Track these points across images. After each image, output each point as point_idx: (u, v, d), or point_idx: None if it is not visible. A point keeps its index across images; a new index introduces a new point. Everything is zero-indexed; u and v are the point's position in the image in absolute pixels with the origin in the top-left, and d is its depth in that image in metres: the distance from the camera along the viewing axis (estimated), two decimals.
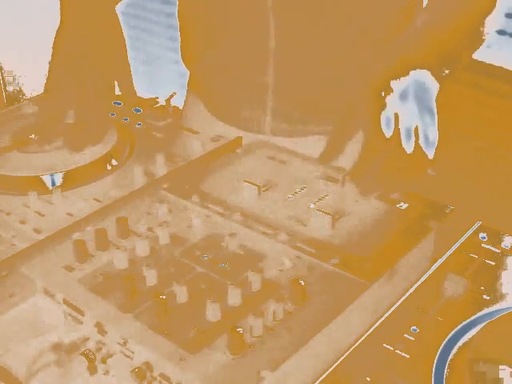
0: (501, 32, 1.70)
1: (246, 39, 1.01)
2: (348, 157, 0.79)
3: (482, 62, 1.70)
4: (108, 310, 0.64)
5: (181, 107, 1.20)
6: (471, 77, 1.69)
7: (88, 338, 0.64)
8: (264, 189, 0.81)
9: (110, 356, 0.62)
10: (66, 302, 0.66)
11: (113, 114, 1.00)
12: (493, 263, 0.71)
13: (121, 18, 1.09)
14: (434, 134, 0.79)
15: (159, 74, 2.45)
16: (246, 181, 0.81)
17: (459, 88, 1.69)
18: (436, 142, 0.80)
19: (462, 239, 0.75)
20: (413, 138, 0.77)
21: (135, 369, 0.59)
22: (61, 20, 1.01)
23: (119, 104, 1.04)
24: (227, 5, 1.02)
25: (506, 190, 1.62)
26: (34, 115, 0.97)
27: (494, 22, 0.91)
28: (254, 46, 1.01)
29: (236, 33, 1.02)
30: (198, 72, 1.15)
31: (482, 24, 0.90)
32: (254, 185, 0.80)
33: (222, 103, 1.11)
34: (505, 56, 1.71)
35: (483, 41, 0.91)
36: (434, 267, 0.71)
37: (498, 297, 0.66)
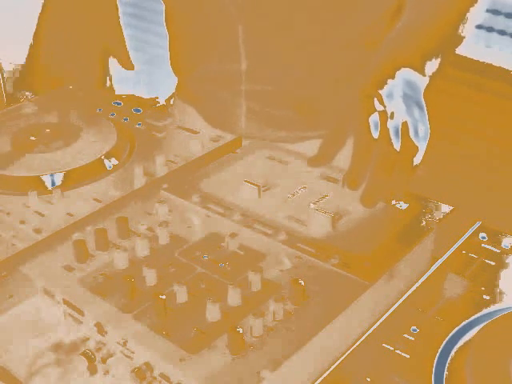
0: (501, 32, 1.70)
1: (231, 51, 1.02)
2: (349, 158, 0.79)
3: (481, 62, 1.70)
4: (108, 310, 0.64)
5: None
6: (471, 77, 1.70)
7: (88, 338, 0.64)
8: (264, 189, 0.81)
9: (110, 356, 0.62)
10: (65, 302, 0.66)
11: (113, 114, 1.01)
12: (493, 263, 0.71)
13: (121, 18, 1.10)
14: (424, 129, 0.79)
15: (159, 74, 2.45)
16: (246, 181, 0.81)
17: (459, 88, 1.69)
18: (427, 137, 0.80)
19: (462, 239, 0.75)
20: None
21: (135, 369, 0.59)
22: None
23: (119, 104, 1.04)
24: (212, 18, 1.02)
25: (506, 190, 1.62)
26: (34, 115, 0.97)
27: (475, 16, 0.91)
28: (241, 56, 1.01)
29: (223, 44, 1.02)
30: (186, 81, 1.15)
31: (464, 19, 0.90)
32: (254, 185, 0.80)
33: (213, 111, 1.11)
34: (505, 56, 1.71)
35: (464, 36, 0.92)
36: (434, 267, 0.71)
37: (497, 297, 0.66)
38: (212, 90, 1.08)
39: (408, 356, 0.60)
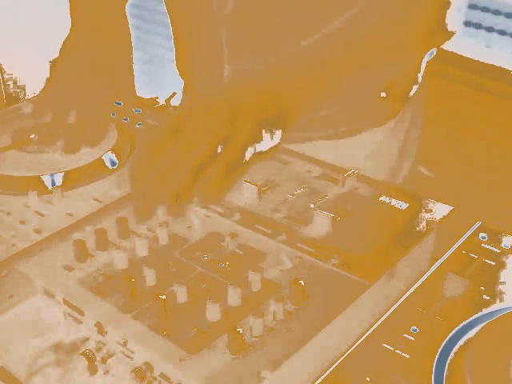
0: (501, 32, 1.70)
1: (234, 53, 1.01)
2: (349, 158, 0.79)
3: (482, 62, 1.70)
4: (108, 310, 0.64)
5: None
6: (472, 77, 1.70)
7: (88, 338, 0.64)
8: (264, 189, 0.81)
9: (110, 356, 0.62)
10: (65, 302, 0.66)
11: (113, 114, 1.01)
12: (493, 263, 0.71)
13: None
14: None
15: (159, 74, 2.45)
16: (246, 181, 0.80)
17: (459, 88, 1.69)
18: None
19: (462, 239, 0.75)
20: None
21: (135, 369, 0.59)
22: (71, 22, 1.01)
23: (119, 104, 1.04)
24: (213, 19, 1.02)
25: (506, 190, 1.62)
26: (34, 115, 0.97)
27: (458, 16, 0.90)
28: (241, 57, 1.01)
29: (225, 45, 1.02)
30: (192, 83, 1.15)
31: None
32: (254, 185, 0.80)
33: None
34: (505, 56, 1.71)
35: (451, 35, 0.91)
36: (434, 267, 0.71)
37: (497, 297, 0.66)
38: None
39: (408, 356, 0.60)
